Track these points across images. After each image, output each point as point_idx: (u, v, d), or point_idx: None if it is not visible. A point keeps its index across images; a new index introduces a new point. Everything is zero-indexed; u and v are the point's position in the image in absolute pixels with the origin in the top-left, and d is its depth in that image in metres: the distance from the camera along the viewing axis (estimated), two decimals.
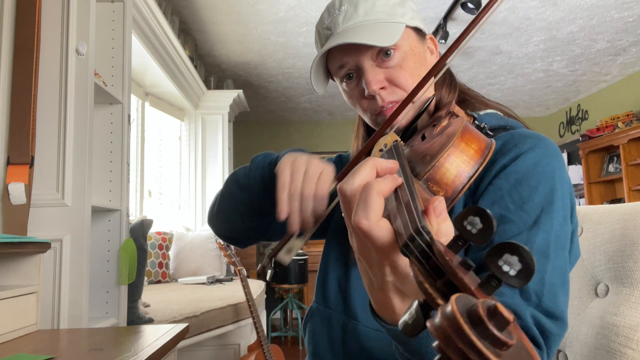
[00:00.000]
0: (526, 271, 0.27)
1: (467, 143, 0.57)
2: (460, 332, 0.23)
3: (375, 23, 0.72)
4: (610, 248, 0.78)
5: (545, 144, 0.64)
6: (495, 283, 0.27)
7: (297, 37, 3.61)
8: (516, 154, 0.63)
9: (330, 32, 0.75)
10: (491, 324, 0.23)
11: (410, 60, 0.73)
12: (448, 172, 0.55)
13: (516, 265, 0.27)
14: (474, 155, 0.57)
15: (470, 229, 0.31)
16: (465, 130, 0.59)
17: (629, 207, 0.79)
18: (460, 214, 0.31)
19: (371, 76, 0.72)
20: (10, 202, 1.33)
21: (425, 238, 0.33)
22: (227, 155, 4.10)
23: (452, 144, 0.56)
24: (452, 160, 0.56)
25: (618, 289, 0.76)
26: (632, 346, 0.69)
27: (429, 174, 0.55)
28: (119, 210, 1.74)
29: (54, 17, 1.47)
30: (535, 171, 0.62)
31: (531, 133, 0.67)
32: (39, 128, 1.42)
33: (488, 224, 0.30)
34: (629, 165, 4.38)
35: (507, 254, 0.27)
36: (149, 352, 0.90)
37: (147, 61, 2.95)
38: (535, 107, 5.74)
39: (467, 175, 0.56)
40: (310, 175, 0.66)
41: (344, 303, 0.74)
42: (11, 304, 1.03)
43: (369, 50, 0.72)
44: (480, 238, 0.31)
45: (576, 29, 3.59)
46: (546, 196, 0.61)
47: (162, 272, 3.18)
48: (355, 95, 0.77)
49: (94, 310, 1.64)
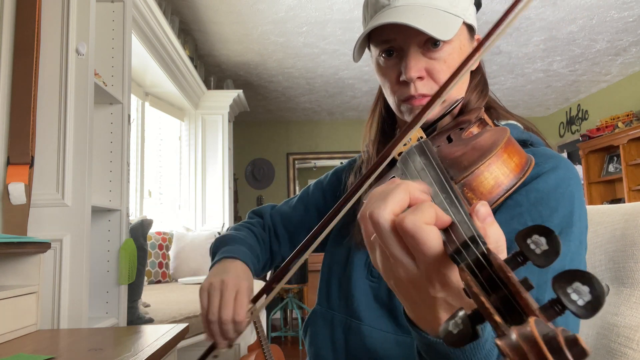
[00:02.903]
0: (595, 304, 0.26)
1: (510, 155, 0.56)
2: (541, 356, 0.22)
3: (436, 10, 0.68)
4: (610, 248, 0.78)
5: (566, 166, 0.64)
6: (558, 309, 0.26)
7: (297, 37, 3.61)
8: (537, 172, 0.62)
9: (388, 2, 0.70)
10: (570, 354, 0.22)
11: (456, 57, 0.71)
12: (486, 181, 0.53)
13: (586, 296, 0.26)
14: (514, 169, 0.55)
15: (534, 248, 0.29)
16: (510, 142, 0.57)
17: (629, 207, 0.79)
18: (525, 231, 0.30)
19: (413, 62, 0.68)
20: (10, 202, 1.33)
21: (481, 248, 0.32)
22: (227, 155, 4.10)
23: (495, 154, 0.54)
24: (493, 170, 0.54)
25: (618, 289, 0.76)
26: (633, 346, 0.69)
27: (467, 180, 0.52)
28: (119, 210, 1.74)
29: (54, 17, 1.47)
30: (556, 192, 0.61)
31: (553, 153, 0.66)
32: (39, 128, 1.42)
33: (554, 247, 0.29)
34: (629, 165, 4.38)
35: (578, 283, 0.26)
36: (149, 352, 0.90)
37: (147, 61, 2.94)
38: (535, 107, 5.74)
39: (504, 187, 0.54)
40: (226, 300, 0.70)
41: (347, 304, 0.74)
42: (11, 304, 1.03)
43: (419, 35, 0.68)
44: (544, 260, 0.29)
45: (576, 29, 3.59)
46: (565, 218, 0.60)
47: (162, 272, 3.18)
48: (389, 75, 0.73)
49: (94, 310, 1.64)
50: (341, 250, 0.79)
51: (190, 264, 3.32)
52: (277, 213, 0.97)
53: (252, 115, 5.62)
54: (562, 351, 0.22)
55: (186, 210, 4.02)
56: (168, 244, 3.31)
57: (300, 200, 0.97)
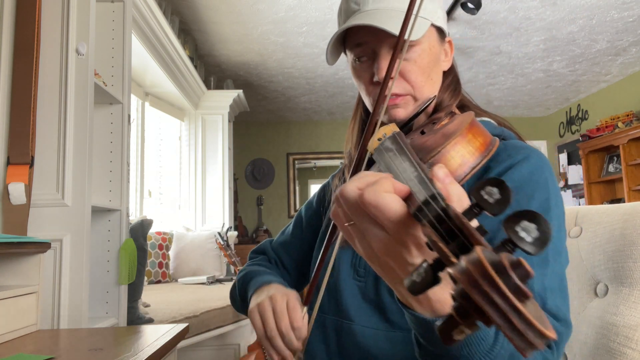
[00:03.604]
0: (543, 239, 0.27)
1: (474, 135, 0.59)
2: (486, 275, 0.24)
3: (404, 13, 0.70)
4: (609, 248, 0.78)
5: (538, 155, 0.67)
6: (510, 248, 0.28)
7: (297, 37, 3.61)
8: (510, 163, 0.65)
9: (358, 7, 0.74)
10: (514, 274, 0.24)
11: (425, 58, 0.74)
12: (453, 160, 0.57)
13: (533, 232, 0.27)
14: (479, 147, 0.59)
15: (487, 198, 0.31)
16: (474, 123, 0.60)
17: (628, 207, 0.79)
18: (479, 184, 0.32)
19: (384, 63, 0.72)
20: (10, 202, 1.33)
21: (441, 203, 0.33)
22: (227, 155, 4.10)
23: (460, 133, 0.58)
24: (458, 149, 0.57)
25: (617, 288, 0.76)
26: (632, 346, 0.69)
27: (434, 159, 0.56)
28: (119, 210, 1.74)
29: (54, 17, 1.47)
30: (530, 181, 0.64)
31: (523, 145, 0.70)
32: (39, 128, 1.42)
33: (506, 195, 0.31)
34: (629, 165, 4.38)
35: (525, 221, 0.28)
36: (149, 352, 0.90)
37: (147, 61, 2.95)
38: (535, 107, 5.74)
39: (470, 165, 0.58)
40: (279, 311, 0.70)
41: (336, 305, 0.75)
42: (11, 304, 1.03)
43: (390, 37, 0.71)
44: (497, 208, 0.31)
45: (576, 29, 3.59)
46: (543, 204, 0.63)
47: (162, 272, 3.19)
48: (363, 77, 0.77)
49: (94, 310, 1.65)
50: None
51: (190, 264, 3.32)
52: (278, 245, 1.00)
53: (252, 115, 5.62)
54: (506, 271, 0.24)
55: (186, 210, 4.02)
56: (168, 244, 3.32)
57: (296, 225, 0.99)
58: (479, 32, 3.62)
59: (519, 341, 0.23)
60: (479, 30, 3.58)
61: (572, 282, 0.85)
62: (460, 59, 4.12)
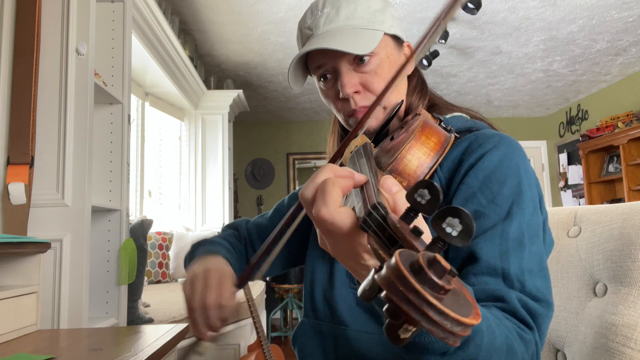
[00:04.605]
0: (466, 231, 0.29)
1: (427, 136, 0.63)
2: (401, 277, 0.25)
3: (354, 29, 0.74)
4: (608, 247, 0.78)
5: (508, 141, 0.68)
6: (440, 244, 0.29)
7: None
8: (481, 153, 0.67)
9: (311, 32, 0.77)
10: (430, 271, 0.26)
11: (385, 67, 0.76)
12: (410, 163, 0.61)
13: (457, 226, 0.29)
14: (433, 147, 0.62)
15: (419, 200, 0.33)
16: (425, 125, 0.64)
17: (627, 207, 0.79)
18: (411, 189, 0.34)
19: (346, 79, 0.75)
20: (10, 202, 1.33)
21: (381, 212, 0.36)
22: (227, 155, 4.10)
23: (412, 137, 0.61)
24: (414, 152, 0.61)
25: (616, 288, 0.76)
26: (631, 345, 0.69)
27: (392, 166, 0.60)
28: (119, 210, 1.74)
29: (54, 17, 1.47)
30: (501, 167, 0.65)
31: (493, 133, 0.71)
32: (39, 128, 1.42)
33: (435, 194, 0.33)
34: (629, 165, 4.38)
35: (449, 217, 0.29)
36: (149, 352, 0.90)
37: (147, 61, 2.95)
38: (535, 107, 5.74)
39: (427, 165, 0.61)
40: (210, 285, 0.69)
41: (331, 311, 0.76)
42: (11, 304, 1.03)
43: (346, 54, 0.74)
44: (429, 208, 0.33)
45: (576, 29, 3.59)
46: (515, 189, 0.64)
47: (162, 272, 3.19)
48: (330, 95, 0.80)
49: (94, 310, 1.65)
50: (323, 262, 0.81)
51: None
52: (253, 225, 0.99)
53: (252, 115, 5.62)
54: (422, 270, 0.26)
55: (186, 210, 4.02)
56: (168, 244, 3.32)
57: (276, 212, 0.99)
58: (479, 32, 3.62)
59: (438, 332, 0.25)
60: (479, 30, 3.58)
61: (571, 282, 0.85)
62: (460, 59, 4.12)
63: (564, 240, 0.90)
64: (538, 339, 0.58)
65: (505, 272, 0.59)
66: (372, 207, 0.36)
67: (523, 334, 0.56)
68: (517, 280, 0.58)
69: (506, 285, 0.58)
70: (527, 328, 0.57)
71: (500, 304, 0.57)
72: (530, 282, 0.59)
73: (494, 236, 0.61)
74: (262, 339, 2.33)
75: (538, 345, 0.58)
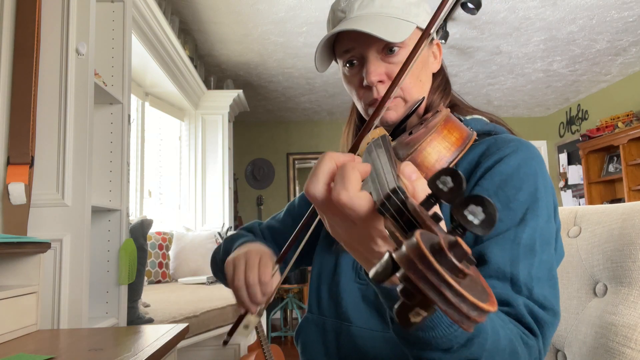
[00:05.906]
0: (489, 221, 0.29)
1: (450, 131, 0.62)
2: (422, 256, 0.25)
3: (388, 17, 0.73)
4: (608, 247, 0.78)
5: (527, 147, 0.68)
6: (460, 231, 0.29)
7: (297, 37, 3.61)
8: (499, 156, 0.66)
9: (344, 15, 0.76)
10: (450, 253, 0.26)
11: None
12: (429, 156, 0.59)
13: (480, 215, 0.29)
14: (455, 142, 0.61)
15: (442, 187, 0.33)
16: (449, 120, 0.63)
17: (627, 207, 0.79)
18: (434, 175, 0.33)
19: (372, 67, 0.74)
20: (10, 202, 1.33)
21: (400, 196, 0.35)
22: (227, 155, 4.10)
23: (435, 130, 0.60)
24: (434, 146, 0.60)
25: (616, 288, 0.76)
26: (631, 345, 0.69)
27: (412, 157, 0.59)
28: (119, 210, 1.74)
29: (54, 17, 1.47)
30: (518, 172, 0.65)
31: (513, 137, 0.70)
32: (39, 128, 1.42)
33: (458, 182, 0.32)
34: (629, 165, 4.38)
35: (472, 205, 0.29)
36: (149, 352, 0.90)
37: (147, 61, 2.95)
38: (535, 107, 5.74)
39: (447, 160, 0.60)
40: (250, 265, 0.72)
41: (336, 307, 0.76)
42: (11, 304, 1.03)
43: (376, 42, 0.73)
44: (450, 196, 0.32)
45: (576, 29, 3.59)
46: (531, 195, 0.63)
47: (162, 272, 3.19)
48: (353, 82, 0.79)
49: (94, 310, 1.65)
50: (329, 257, 0.81)
51: (190, 264, 3.32)
52: (266, 228, 1.01)
53: (252, 115, 5.62)
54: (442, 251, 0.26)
55: (186, 210, 4.02)
56: (168, 244, 3.32)
57: (288, 213, 0.99)
58: (479, 32, 3.62)
59: (453, 314, 0.25)
60: (479, 30, 3.58)
61: (571, 282, 0.85)
62: (460, 59, 4.12)
63: (564, 240, 0.90)
64: (542, 346, 0.58)
65: (514, 277, 0.58)
66: (391, 190, 0.36)
67: (527, 339, 0.55)
68: (525, 286, 0.58)
69: (514, 290, 0.58)
70: (532, 334, 0.56)
71: (506, 308, 0.57)
72: (538, 290, 0.58)
73: (506, 241, 0.61)
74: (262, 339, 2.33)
75: (541, 353, 0.58)
